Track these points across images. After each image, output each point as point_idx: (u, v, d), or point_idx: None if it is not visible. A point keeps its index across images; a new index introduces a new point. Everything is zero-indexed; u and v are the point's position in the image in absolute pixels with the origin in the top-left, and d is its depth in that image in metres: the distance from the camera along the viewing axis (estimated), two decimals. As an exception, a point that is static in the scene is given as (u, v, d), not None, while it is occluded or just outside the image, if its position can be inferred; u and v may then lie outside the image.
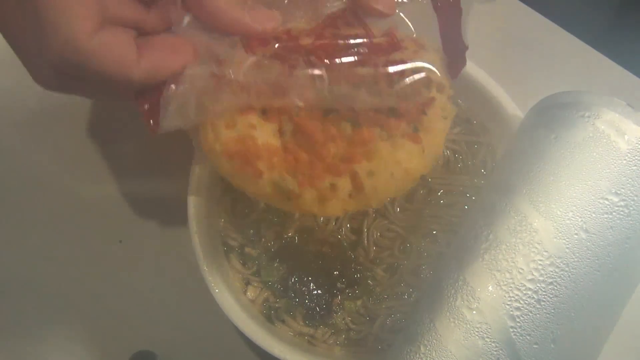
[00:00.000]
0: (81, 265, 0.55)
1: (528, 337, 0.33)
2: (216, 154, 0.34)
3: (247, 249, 0.48)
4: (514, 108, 0.46)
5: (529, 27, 0.62)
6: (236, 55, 0.33)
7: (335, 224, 0.47)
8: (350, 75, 0.34)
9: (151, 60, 0.32)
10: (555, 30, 0.62)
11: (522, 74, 0.60)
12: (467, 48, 0.39)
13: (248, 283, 0.48)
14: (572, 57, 0.61)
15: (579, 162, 0.35)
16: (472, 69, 0.47)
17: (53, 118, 0.60)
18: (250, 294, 0.47)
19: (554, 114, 0.38)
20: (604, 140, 0.35)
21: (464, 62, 0.39)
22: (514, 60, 0.61)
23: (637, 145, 0.35)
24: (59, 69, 0.30)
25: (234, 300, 0.43)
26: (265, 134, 0.34)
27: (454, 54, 0.38)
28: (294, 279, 0.47)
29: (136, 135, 0.59)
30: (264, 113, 0.34)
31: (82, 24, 0.29)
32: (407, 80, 0.34)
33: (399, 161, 0.34)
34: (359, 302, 0.47)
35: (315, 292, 0.47)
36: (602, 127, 0.35)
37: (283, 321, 0.47)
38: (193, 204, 0.44)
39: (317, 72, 0.33)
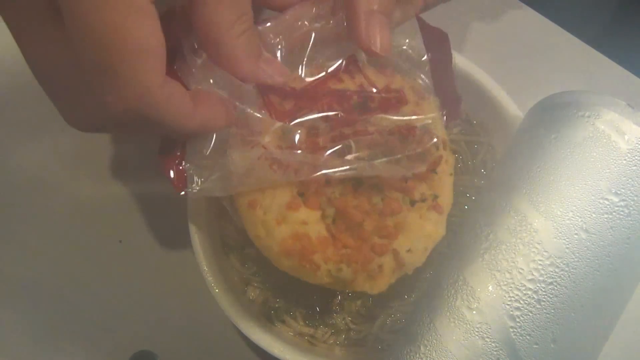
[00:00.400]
0: (81, 265, 0.55)
1: (528, 337, 0.33)
2: (274, 253, 0.37)
3: (247, 249, 0.48)
4: (514, 108, 0.46)
5: (529, 27, 0.62)
6: (263, 122, 0.37)
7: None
8: (368, 138, 0.38)
9: (204, 114, 0.33)
10: (555, 30, 0.62)
11: (522, 74, 0.60)
12: (461, 99, 0.42)
13: (248, 283, 0.48)
14: (572, 57, 0.61)
15: (579, 162, 0.35)
16: (472, 69, 0.47)
17: (53, 118, 0.60)
18: (250, 294, 0.47)
19: (554, 114, 0.38)
20: (604, 140, 0.35)
21: (457, 115, 0.43)
22: (514, 60, 0.61)
23: (637, 145, 0.35)
24: (120, 119, 0.31)
25: (234, 300, 0.43)
26: (315, 227, 0.37)
27: (447, 102, 0.42)
28: (294, 278, 0.47)
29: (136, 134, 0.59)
30: (304, 200, 0.38)
31: (155, 77, 0.29)
32: (419, 145, 0.38)
33: (429, 234, 0.38)
34: (359, 302, 0.47)
35: (316, 292, 0.47)
36: (602, 127, 0.35)
37: (283, 321, 0.47)
38: (193, 204, 0.44)
39: (345, 142, 0.37)
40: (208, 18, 0.31)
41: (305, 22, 0.39)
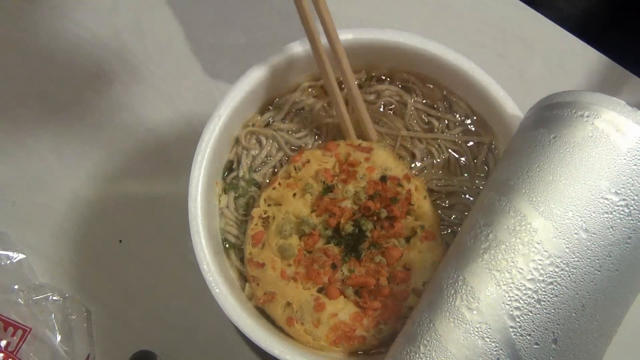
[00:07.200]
0: (81, 265, 0.55)
1: (528, 337, 0.33)
2: (327, 348, 0.44)
3: (247, 249, 0.48)
4: (514, 108, 0.46)
5: (529, 27, 0.62)
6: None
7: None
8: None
9: None
10: (555, 30, 0.62)
11: (522, 74, 0.60)
12: None
13: (248, 282, 0.47)
14: (572, 57, 0.61)
15: (579, 162, 0.35)
16: (472, 69, 0.47)
17: (53, 118, 0.60)
18: (251, 293, 0.47)
19: (553, 114, 0.38)
20: (604, 140, 0.35)
21: None
22: (514, 60, 0.61)
23: (637, 144, 0.35)
24: None
25: (234, 300, 0.43)
26: (344, 310, 0.44)
27: None
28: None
29: (136, 135, 0.59)
30: (325, 293, 0.44)
31: None
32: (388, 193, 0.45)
33: (432, 261, 0.45)
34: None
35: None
36: (602, 126, 0.35)
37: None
38: (193, 203, 0.44)
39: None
40: None
41: None
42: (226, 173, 0.49)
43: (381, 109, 0.51)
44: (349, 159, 0.47)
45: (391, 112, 0.51)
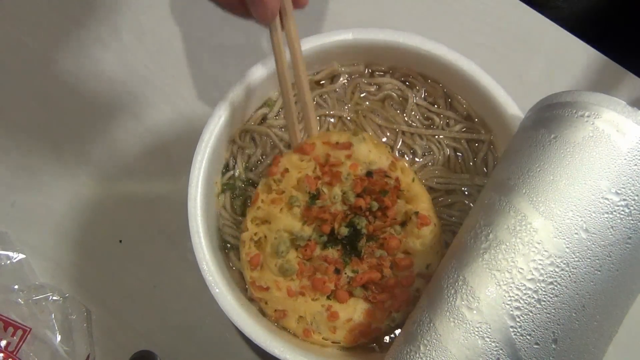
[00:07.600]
0: (81, 265, 0.55)
1: (528, 337, 0.33)
2: (347, 348, 0.45)
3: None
4: (514, 108, 0.46)
5: (529, 27, 0.62)
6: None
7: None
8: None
9: None
10: (555, 30, 0.62)
11: (522, 74, 0.60)
12: None
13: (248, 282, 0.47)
14: (572, 57, 0.61)
15: (579, 162, 0.35)
16: (472, 69, 0.47)
17: (53, 118, 0.60)
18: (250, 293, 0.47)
19: (553, 114, 0.38)
20: (604, 140, 0.35)
21: None
22: (514, 60, 0.61)
23: (637, 144, 0.35)
24: None
25: (234, 300, 0.43)
26: (358, 310, 0.44)
27: None
28: (294, 278, 0.47)
29: (136, 135, 0.59)
30: (335, 298, 0.44)
31: None
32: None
33: (433, 244, 0.44)
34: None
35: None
36: (602, 126, 0.35)
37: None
38: (192, 204, 0.44)
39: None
40: None
41: None
42: (224, 171, 0.49)
43: (382, 102, 0.51)
44: (329, 159, 0.45)
45: (392, 106, 0.51)
